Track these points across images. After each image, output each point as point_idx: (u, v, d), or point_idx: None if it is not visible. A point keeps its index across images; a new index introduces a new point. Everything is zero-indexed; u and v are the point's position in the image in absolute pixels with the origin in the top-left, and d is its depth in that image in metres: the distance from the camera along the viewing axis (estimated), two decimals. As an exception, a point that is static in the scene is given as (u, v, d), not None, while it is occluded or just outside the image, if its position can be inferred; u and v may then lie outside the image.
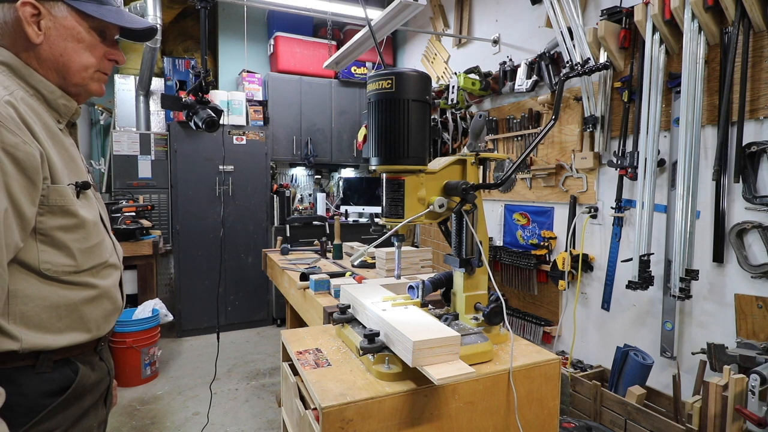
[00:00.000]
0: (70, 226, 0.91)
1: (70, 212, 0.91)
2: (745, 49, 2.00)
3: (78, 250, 0.92)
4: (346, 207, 4.99)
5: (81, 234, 0.93)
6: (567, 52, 2.67)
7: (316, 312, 1.92)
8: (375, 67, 4.89)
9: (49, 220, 0.88)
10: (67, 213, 0.90)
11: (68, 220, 0.91)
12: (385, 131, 1.17)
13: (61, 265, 0.90)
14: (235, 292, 4.37)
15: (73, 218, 0.91)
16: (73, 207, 0.91)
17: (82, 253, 0.93)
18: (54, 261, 0.89)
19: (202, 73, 2.01)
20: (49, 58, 0.93)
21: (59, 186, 0.89)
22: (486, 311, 1.26)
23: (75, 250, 0.92)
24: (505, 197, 3.49)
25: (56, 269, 0.89)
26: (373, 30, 2.16)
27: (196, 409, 2.86)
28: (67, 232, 0.91)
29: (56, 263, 0.89)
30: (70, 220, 0.91)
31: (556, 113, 1.36)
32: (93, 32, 0.97)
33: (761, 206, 1.97)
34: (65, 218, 0.90)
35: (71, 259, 0.92)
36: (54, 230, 0.89)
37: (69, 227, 0.91)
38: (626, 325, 2.64)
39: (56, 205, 0.88)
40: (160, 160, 4.21)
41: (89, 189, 0.98)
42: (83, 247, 0.93)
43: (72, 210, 0.91)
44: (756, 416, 1.57)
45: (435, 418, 1.08)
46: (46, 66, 0.93)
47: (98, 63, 0.99)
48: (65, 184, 0.90)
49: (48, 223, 0.88)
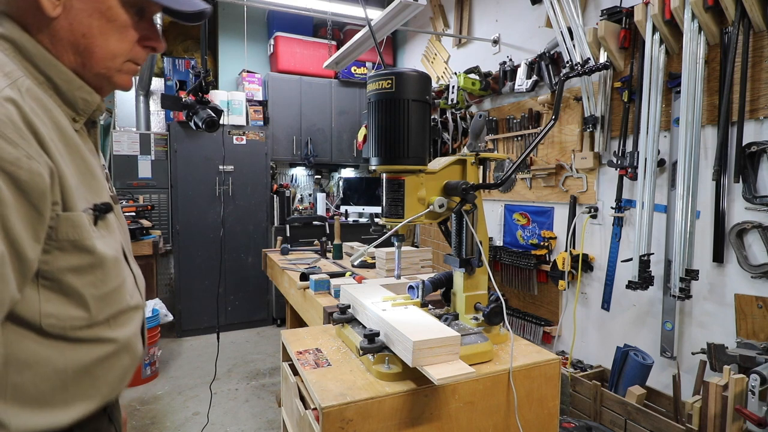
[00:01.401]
0: (83, 267, 0.68)
1: (85, 248, 0.68)
2: (745, 49, 2.00)
3: (93, 297, 0.70)
4: (346, 207, 4.98)
5: (98, 276, 0.70)
6: (567, 52, 2.67)
7: (316, 312, 1.92)
8: (375, 67, 4.89)
9: (57, 259, 0.65)
10: (81, 249, 0.68)
11: (82, 259, 0.68)
12: (385, 131, 1.17)
13: (69, 318, 0.67)
14: (235, 292, 4.37)
15: (89, 256, 0.69)
16: (89, 241, 0.68)
17: (98, 301, 0.71)
18: (60, 313, 0.66)
19: (202, 73, 2.01)
20: (68, 38, 0.69)
21: (73, 214, 0.66)
22: (486, 311, 1.26)
23: (89, 298, 0.69)
24: (505, 197, 3.49)
25: (63, 324, 0.67)
26: (373, 30, 2.16)
27: (196, 409, 2.86)
28: (79, 275, 0.68)
29: (63, 316, 0.67)
30: (84, 258, 0.68)
31: (556, 113, 1.36)
32: (128, 9, 0.72)
33: (761, 206, 1.97)
34: (78, 256, 0.68)
35: (83, 310, 0.69)
36: (63, 273, 0.66)
37: (82, 268, 0.68)
38: (626, 325, 2.64)
39: (67, 240, 0.66)
40: (160, 160, 4.21)
41: (111, 212, 0.75)
42: (100, 293, 0.71)
43: (87, 245, 0.68)
44: (756, 416, 1.57)
45: (435, 418, 1.08)
46: (62, 47, 0.69)
47: (130, 50, 0.74)
48: (80, 210, 0.68)
49: (55, 263, 0.65)
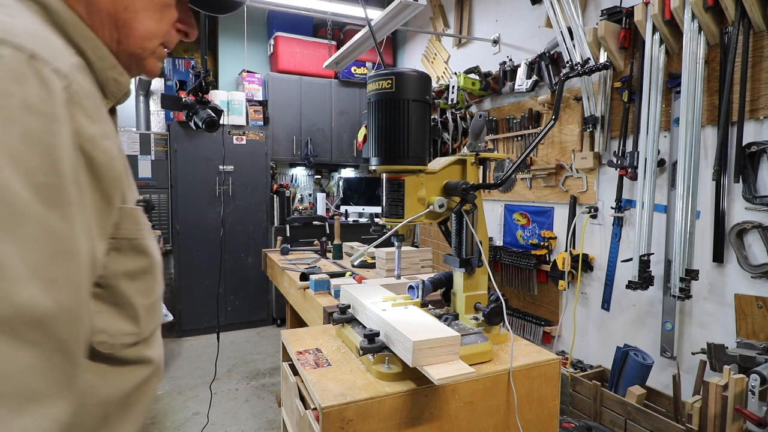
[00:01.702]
0: (137, 272, 0.59)
1: (142, 249, 0.60)
2: (745, 49, 2.00)
3: (143, 308, 0.60)
4: (346, 207, 4.99)
5: (148, 283, 0.62)
6: (567, 52, 2.67)
7: (316, 312, 1.92)
8: (375, 67, 4.89)
9: (114, 262, 0.56)
10: (138, 251, 0.59)
11: (137, 262, 0.59)
12: (385, 131, 1.17)
13: (120, 333, 0.57)
14: (235, 292, 4.37)
15: (144, 259, 0.60)
16: (145, 241, 0.60)
17: (147, 313, 0.61)
18: (112, 328, 0.56)
19: (202, 73, 2.01)
20: (107, 9, 0.60)
21: (134, 208, 0.58)
22: (486, 311, 1.26)
23: (139, 308, 0.59)
24: (505, 197, 3.49)
25: (113, 341, 0.56)
26: (373, 30, 2.16)
27: (196, 409, 2.86)
28: (132, 281, 0.59)
29: (114, 331, 0.56)
30: (139, 261, 0.60)
31: (556, 113, 1.36)
32: None
33: (761, 206, 1.97)
34: (134, 259, 0.59)
35: (133, 324, 0.59)
36: (117, 278, 0.57)
37: (136, 273, 0.59)
38: (626, 325, 2.64)
39: (126, 239, 0.57)
40: (160, 160, 4.21)
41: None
42: (148, 303, 0.61)
43: (144, 246, 0.60)
44: (756, 416, 1.57)
45: (435, 418, 1.08)
46: (99, 19, 0.59)
47: (167, 32, 0.67)
48: (134, 202, 0.59)
49: (112, 267, 0.56)
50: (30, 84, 0.44)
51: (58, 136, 0.45)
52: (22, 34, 0.46)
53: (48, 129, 0.44)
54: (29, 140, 0.42)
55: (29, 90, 0.44)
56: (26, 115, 0.43)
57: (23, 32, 0.46)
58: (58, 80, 0.46)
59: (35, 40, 0.47)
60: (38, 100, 0.44)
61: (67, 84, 0.48)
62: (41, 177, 0.43)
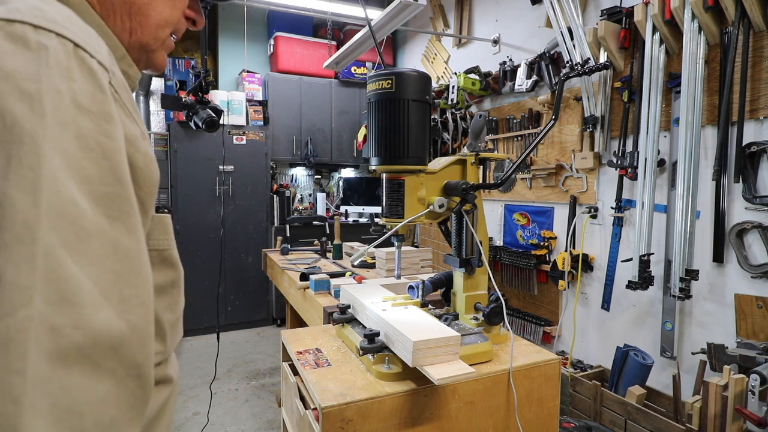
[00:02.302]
0: (165, 286, 0.55)
1: (171, 261, 0.56)
2: (745, 49, 2.00)
3: (169, 325, 0.56)
4: (346, 207, 4.98)
5: (174, 297, 0.58)
6: (567, 52, 2.67)
7: (316, 312, 1.92)
8: (375, 67, 4.89)
9: None
10: (167, 262, 0.56)
11: (166, 275, 0.55)
12: (385, 131, 1.17)
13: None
14: (235, 292, 4.37)
15: (172, 271, 0.57)
16: (174, 251, 0.57)
17: (172, 329, 0.57)
18: None
19: (202, 73, 2.01)
20: None
21: (163, 216, 0.55)
22: (486, 311, 1.26)
23: (166, 326, 0.55)
24: (505, 197, 3.49)
25: None
26: (373, 30, 2.16)
27: (196, 409, 2.86)
28: (160, 296, 0.54)
29: None
30: (168, 274, 0.56)
31: (556, 113, 1.36)
32: None
33: (761, 206, 1.97)
34: (163, 271, 0.55)
35: (161, 342, 0.55)
36: None
37: (164, 287, 0.55)
38: (626, 325, 2.64)
39: (156, 250, 0.54)
40: (160, 160, 4.21)
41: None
42: (174, 318, 0.58)
43: (173, 257, 0.57)
44: (756, 416, 1.57)
45: (435, 418, 1.08)
46: (111, 6, 0.54)
47: (178, 20, 0.62)
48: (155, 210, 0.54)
49: None
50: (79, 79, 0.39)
51: (114, 140, 0.41)
52: (60, 20, 0.40)
53: (103, 131, 0.40)
54: (85, 145, 0.38)
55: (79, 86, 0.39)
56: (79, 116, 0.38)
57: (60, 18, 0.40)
58: (104, 74, 0.42)
59: (74, 27, 0.41)
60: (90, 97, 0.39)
61: (111, 77, 0.43)
62: (102, 186, 0.39)
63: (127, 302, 0.40)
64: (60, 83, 0.37)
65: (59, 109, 0.37)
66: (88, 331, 0.36)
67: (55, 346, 0.34)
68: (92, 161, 0.38)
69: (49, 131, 0.36)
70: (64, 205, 0.36)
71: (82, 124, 0.38)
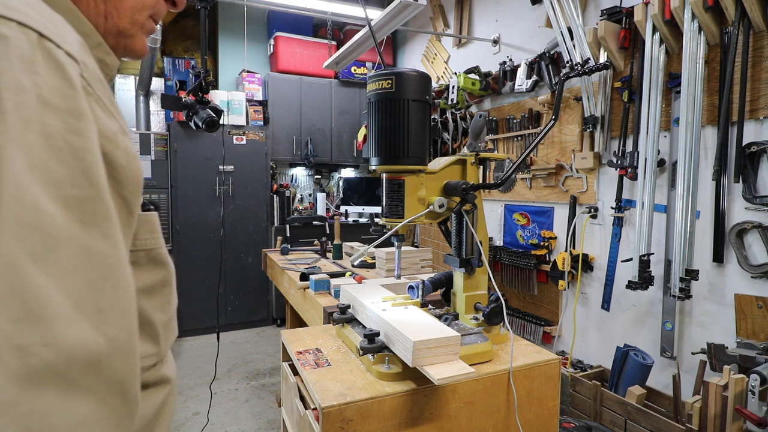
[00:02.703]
0: (155, 286, 0.53)
1: (160, 260, 0.54)
2: (745, 49, 2.00)
3: (162, 326, 0.54)
4: (346, 207, 4.98)
5: (165, 296, 0.55)
6: (567, 52, 2.67)
7: (316, 312, 1.92)
8: (375, 67, 4.89)
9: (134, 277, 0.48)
10: (156, 262, 0.53)
11: (155, 275, 0.53)
12: (385, 131, 1.17)
13: (142, 356, 0.50)
14: (235, 292, 4.37)
15: (162, 270, 0.54)
16: (163, 250, 0.55)
17: (165, 329, 0.55)
18: None
19: (202, 73, 2.01)
20: None
21: (150, 214, 0.53)
22: (486, 311, 1.26)
23: (159, 327, 0.53)
24: (505, 197, 3.49)
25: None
26: (373, 30, 2.16)
27: (196, 409, 2.86)
28: (150, 297, 0.52)
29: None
30: (157, 273, 0.54)
31: (556, 113, 1.36)
32: None
33: (761, 206, 1.97)
34: (153, 271, 0.53)
35: (154, 344, 0.53)
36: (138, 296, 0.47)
37: (155, 287, 0.53)
38: (626, 325, 2.64)
39: (144, 250, 0.51)
40: (160, 160, 4.21)
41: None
42: (166, 318, 0.55)
43: (162, 255, 0.54)
44: (756, 416, 1.57)
45: (435, 418, 1.08)
46: None
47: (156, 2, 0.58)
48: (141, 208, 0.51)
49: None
50: (45, 73, 0.36)
51: (85, 138, 0.37)
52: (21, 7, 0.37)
53: (73, 129, 0.37)
54: (53, 145, 0.35)
55: (45, 80, 0.36)
56: (45, 114, 0.35)
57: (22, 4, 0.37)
58: (74, 66, 0.39)
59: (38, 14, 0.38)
60: (57, 93, 0.36)
61: (82, 70, 0.40)
62: (72, 189, 0.36)
63: (105, 314, 0.37)
64: (23, 78, 0.34)
65: (22, 106, 0.34)
66: (61, 348, 0.33)
67: (23, 367, 0.31)
68: (61, 162, 0.35)
69: (11, 131, 0.33)
70: (28, 211, 0.33)
71: (49, 122, 0.35)
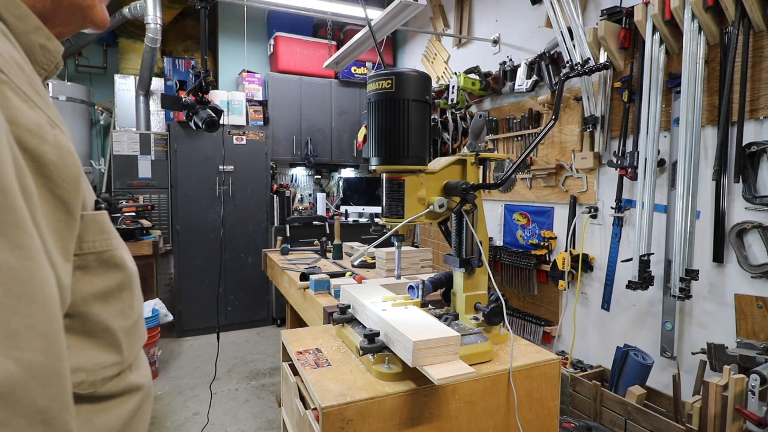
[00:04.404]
0: (111, 290, 0.49)
1: (114, 262, 0.49)
2: (745, 49, 2.00)
3: (123, 332, 0.50)
4: (346, 207, 4.98)
5: (125, 300, 0.51)
6: (567, 52, 2.67)
7: (316, 312, 1.92)
8: (375, 67, 4.89)
9: (81, 283, 0.45)
10: (110, 264, 0.49)
11: (110, 279, 0.48)
12: (385, 131, 1.17)
13: (100, 367, 0.46)
14: (235, 292, 4.37)
15: (118, 273, 0.50)
16: (117, 251, 0.50)
17: (128, 336, 0.51)
18: (90, 363, 0.45)
19: (202, 73, 2.01)
20: None
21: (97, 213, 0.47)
22: (486, 311, 1.26)
23: (119, 333, 0.49)
24: (505, 197, 3.49)
25: (93, 377, 0.45)
26: (373, 30, 2.16)
27: (196, 409, 2.86)
28: (106, 303, 0.48)
29: (93, 365, 0.46)
30: (112, 276, 0.49)
31: (556, 113, 1.36)
32: None
33: (761, 206, 1.97)
34: (106, 274, 0.48)
35: (115, 352, 0.48)
36: (88, 303, 0.45)
37: (110, 292, 0.48)
38: (626, 325, 2.64)
39: (93, 252, 0.46)
40: (160, 160, 4.21)
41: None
42: (129, 324, 0.51)
43: (117, 257, 0.50)
44: (756, 416, 1.57)
45: (435, 418, 1.08)
46: None
47: None
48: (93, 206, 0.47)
49: (80, 289, 0.45)
50: None
51: None
52: None
53: None
54: None
55: None
56: None
57: None
58: None
59: None
60: None
61: None
62: None
63: (16, 337, 0.31)
64: None
65: None
66: None
67: None
68: None
69: None
70: None
71: None
